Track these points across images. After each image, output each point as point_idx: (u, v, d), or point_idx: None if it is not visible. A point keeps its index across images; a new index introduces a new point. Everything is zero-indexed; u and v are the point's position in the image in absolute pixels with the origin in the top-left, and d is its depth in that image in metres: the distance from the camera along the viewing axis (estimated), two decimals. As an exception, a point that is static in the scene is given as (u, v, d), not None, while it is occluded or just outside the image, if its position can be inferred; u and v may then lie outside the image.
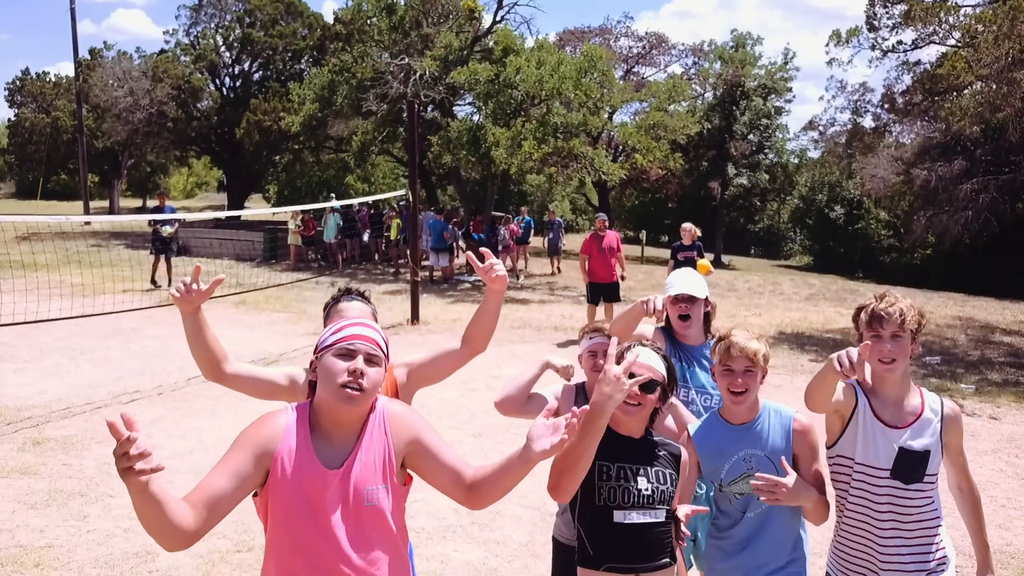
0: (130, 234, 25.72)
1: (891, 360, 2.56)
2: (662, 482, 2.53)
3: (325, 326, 2.57)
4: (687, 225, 11.75)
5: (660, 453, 2.60)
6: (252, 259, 20.12)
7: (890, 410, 2.61)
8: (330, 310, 2.76)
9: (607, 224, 11.49)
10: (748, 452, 2.75)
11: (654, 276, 18.65)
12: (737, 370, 2.73)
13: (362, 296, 2.83)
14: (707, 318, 3.56)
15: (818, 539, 4.22)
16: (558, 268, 18.97)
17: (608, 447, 2.43)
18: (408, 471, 2.20)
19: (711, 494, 2.96)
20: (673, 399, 2.93)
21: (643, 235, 24.78)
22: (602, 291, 11.46)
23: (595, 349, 3.15)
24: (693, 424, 2.92)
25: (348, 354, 2.11)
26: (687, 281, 3.48)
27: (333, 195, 25.76)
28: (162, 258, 15.45)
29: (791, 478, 2.57)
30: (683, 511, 2.59)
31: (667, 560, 2.51)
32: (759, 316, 14.09)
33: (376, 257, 20.92)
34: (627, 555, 2.45)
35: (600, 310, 11.50)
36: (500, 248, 18.57)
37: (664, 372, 2.58)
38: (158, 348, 10.42)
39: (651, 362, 2.57)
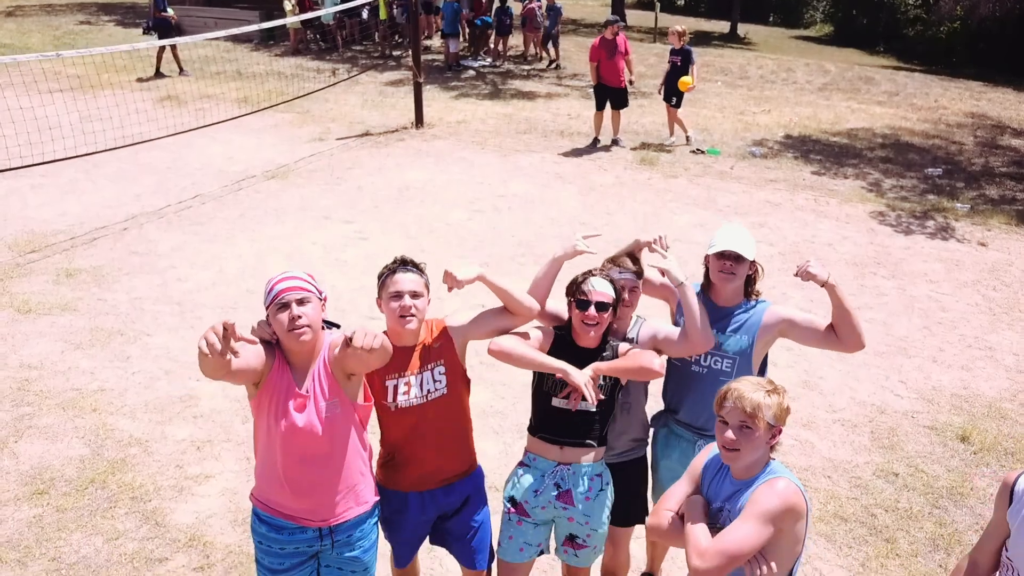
0: (118, 7, 24.53)
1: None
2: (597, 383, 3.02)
3: (379, 293, 2.99)
4: (676, 27, 11.30)
5: (605, 359, 3.09)
6: (249, 40, 19.41)
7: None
8: (385, 279, 2.97)
9: (618, 30, 11.03)
10: (723, 504, 2.50)
11: (659, 69, 18.04)
12: (731, 424, 2.40)
13: (416, 267, 2.99)
14: (750, 280, 3.32)
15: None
16: (555, 56, 18.09)
17: (564, 354, 3.05)
18: (353, 381, 2.79)
19: None
20: (666, 263, 3.18)
21: (657, 5, 23.42)
22: (610, 95, 11.28)
23: (623, 284, 3.22)
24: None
25: (284, 306, 2.65)
26: (736, 238, 3.24)
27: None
28: (167, 46, 15.06)
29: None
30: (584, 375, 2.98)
31: (591, 442, 3.09)
32: (768, 114, 13.91)
33: (376, 37, 20.14)
34: (557, 431, 3.10)
35: (607, 117, 11.39)
36: (509, 31, 17.85)
37: (614, 295, 3.08)
38: (167, 160, 10.54)
39: (603, 288, 3.07)
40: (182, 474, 4.54)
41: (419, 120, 12.25)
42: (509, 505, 3.17)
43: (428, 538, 3.24)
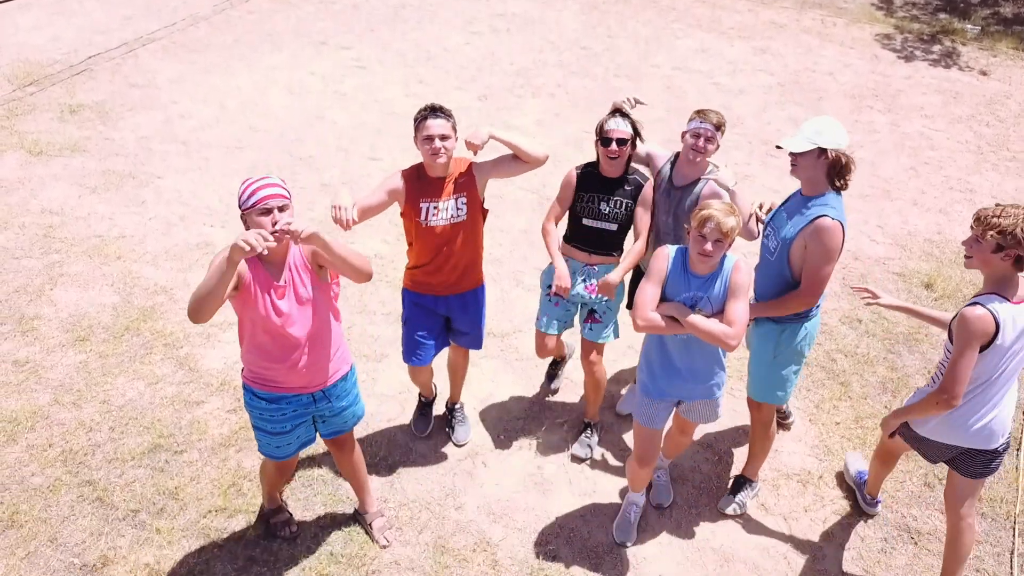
0: None
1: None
2: (617, 207, 3.76)
3: (415, 133, 3.49)
4: None
5: (626, 188, 3.77)
6: None
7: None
8: (419, 124, 3.46)
9: None
10: (696, 295, 3.14)
11: None
12: (709, 239, 3.01)
13: (444, 112, 3.46)
14: (835, 170, 3.31)
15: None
16: None
17: (592, 183, 3.80)
18: (324, 269, 3.13)
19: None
20: (719, 174, 3.66)
21: None
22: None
23: (698, 132, 3.64)
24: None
25: (266, 211, 2.87)
26: (797, 135, 3.33)
27: None
28: None
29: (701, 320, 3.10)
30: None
31: (613, 253, 3.88)
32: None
33: None
34: (587, 243, 3.87)
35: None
36: None
37: (631, 131, 3.68)
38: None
39: (621, 127, 3.66)
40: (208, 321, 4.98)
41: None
42: (550, 290, 3.92)
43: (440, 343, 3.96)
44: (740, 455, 4.19)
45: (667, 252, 3.21)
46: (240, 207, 2.93)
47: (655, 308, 3.16)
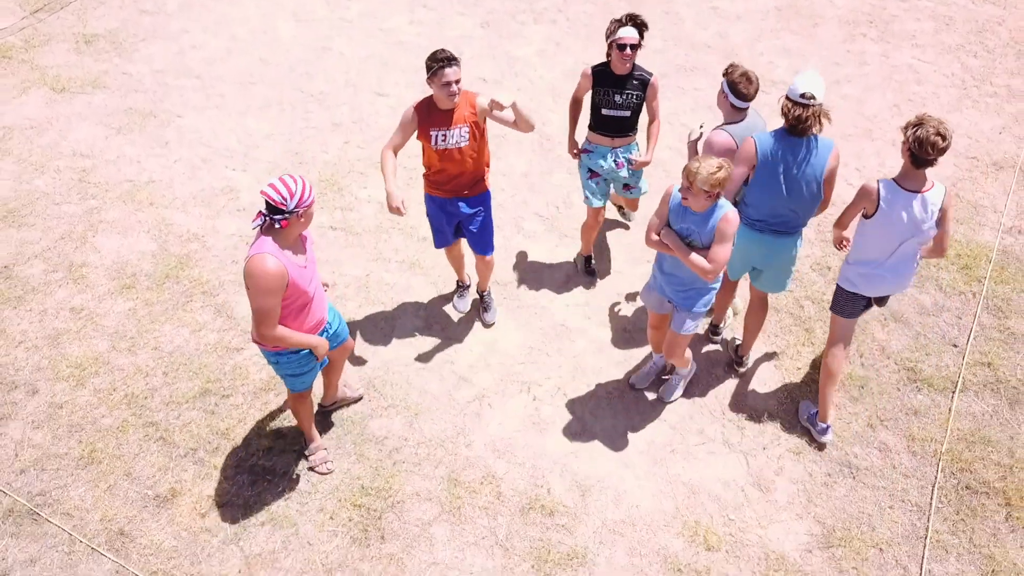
0: None
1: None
2: (629, 98, 4.81)
3: (431, 76, 4.22)
4: None
5: (633, 83, 4.78)
6: None
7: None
8: (436, 71, 4.20)
9: None
10: (690, 227, 3.94)
11: None
12: (698, 194, 3.76)
13: (456, 61, 4.22)
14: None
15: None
16: None
17: (606, 80, 4.77)
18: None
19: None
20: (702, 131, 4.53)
21: None
22: None
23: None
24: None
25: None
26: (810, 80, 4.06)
27: None
28: None
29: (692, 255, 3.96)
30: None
31: (630, 133, 4.97)
32: None
33: None
34: (608, 129, 4.93)
35: None
36: None
37: (638, 36, 4.61)
38: None
39: (631, 34, 4.59)
40: (238, 269, 5.51)
41: None
42: (589, 173, 5.06)
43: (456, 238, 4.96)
44: (710, 411, 4.83)
45: (671, 190, 4.02)
46: (305, 204, 3.51)
47: (658, 232, 4.06)
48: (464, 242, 5.13)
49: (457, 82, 4.23)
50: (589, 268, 5.55)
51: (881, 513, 4.27)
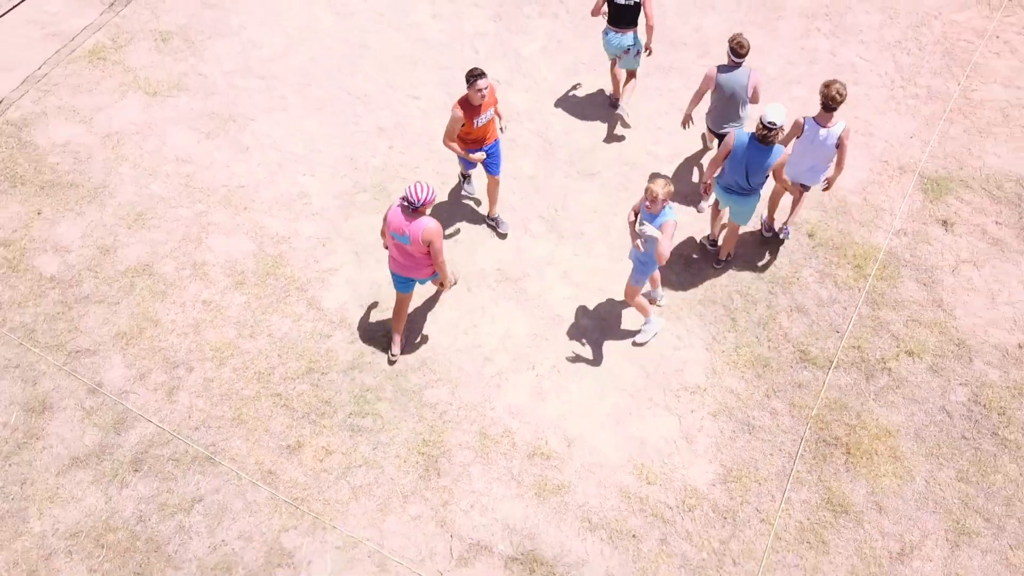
0: None
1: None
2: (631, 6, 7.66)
3: (470, 86, 6.61)
4: None
5: (633, 6, 7.57)
6: None
7: None
8: (474, 81, 6.56)
9: None
10: (646, 225, 6.12)
11: None
12: (648, 199, 6.02)
13: (484, 74, 6.56)
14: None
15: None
16: None
17: (613, 6, 7.68)
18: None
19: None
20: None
21: None
22: None
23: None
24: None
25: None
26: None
27: None
28: None
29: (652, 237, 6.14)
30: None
31: (633, 27, 7.90)
32: None
33: None
34: (619, 21, 7.82)
35: None
36: None
37: None
38: None
39: None
40: (319, 267, 7.44)
41: None
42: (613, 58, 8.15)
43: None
44: (658, 384, 6.95)
45: (635, 205, 6.42)
46: (427, 202, 6.00)
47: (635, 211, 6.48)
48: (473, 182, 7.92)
49: (486, 87, 6.59)
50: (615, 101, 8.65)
51: (764, 459, 6.52)
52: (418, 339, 7.07)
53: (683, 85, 8.81)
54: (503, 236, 7.65)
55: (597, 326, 7.23)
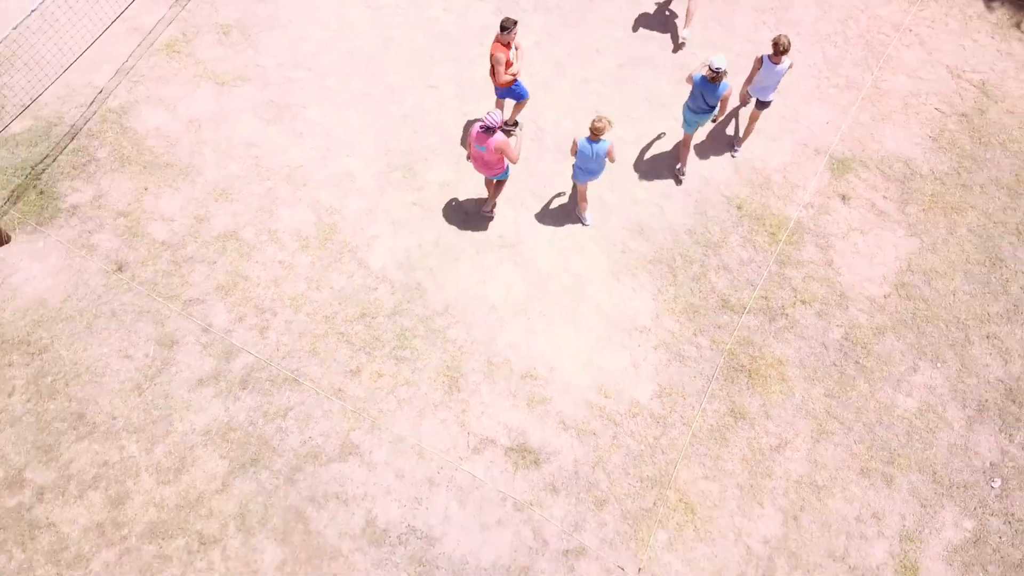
0: None
1: None
2: None
3: (506, 34, 9.12)
4: None
5: None
6: None
7: None
8: (510, 30, 9.07)
9: None
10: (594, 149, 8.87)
11: None
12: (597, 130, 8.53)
13: (515, 23, 9.02)
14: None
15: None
16: None
17: None
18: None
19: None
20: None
21: None
22: None
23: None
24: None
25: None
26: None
27: None
28: None
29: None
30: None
31: None
32: None
33: None
34: None
35: None
36: None
37: None
38: None
39: None
40: (365, 234, 9.79)
41: None
42: None
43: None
44: (619, 327, 9.48)
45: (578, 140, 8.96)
46: (496, 127, 8.63)
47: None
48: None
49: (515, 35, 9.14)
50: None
51: (690, 381, 9.16)
52: (439, 290, 9.56)
53: (653, 77, 10.86)
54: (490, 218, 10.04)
55: (575, 282, 9.69)
